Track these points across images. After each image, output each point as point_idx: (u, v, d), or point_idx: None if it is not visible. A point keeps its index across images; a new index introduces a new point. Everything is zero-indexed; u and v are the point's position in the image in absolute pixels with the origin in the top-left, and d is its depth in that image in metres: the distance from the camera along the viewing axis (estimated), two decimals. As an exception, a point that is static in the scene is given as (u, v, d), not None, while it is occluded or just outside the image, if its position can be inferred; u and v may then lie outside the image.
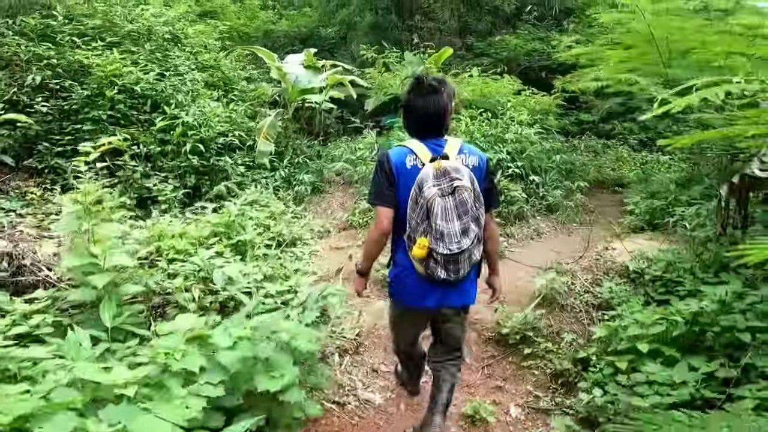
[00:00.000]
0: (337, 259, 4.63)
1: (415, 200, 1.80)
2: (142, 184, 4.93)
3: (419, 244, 1.78)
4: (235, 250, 3.55)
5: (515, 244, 5.29)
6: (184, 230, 3.62)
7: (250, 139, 6.22)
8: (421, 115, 1.92)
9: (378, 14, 13.20)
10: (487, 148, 5.97)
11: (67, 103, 5.22)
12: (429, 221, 1.77)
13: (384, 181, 1.89)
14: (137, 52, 6.13)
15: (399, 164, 1.88)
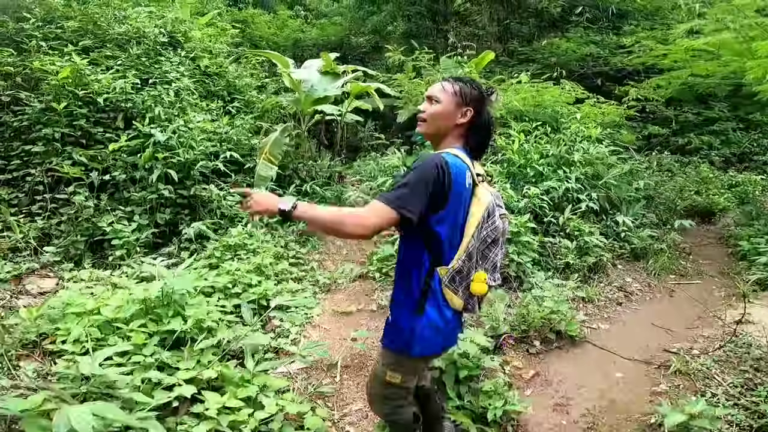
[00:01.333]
0: (339, 331, 3.30)
1: (480, 230, 1.53)
2: (95, 223, 3.77)
3: (479, 278, 1.54)
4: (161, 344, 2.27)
5: (596, 315, 3.77)
6: (99, 304, 2.38)
7: (253, 160, 5.02)
8: (489, 132, 1.65)
9: (410, 21, 12.25)
10: (549, 173, 4.52)
11: (18, 119, 4.16)
12: (490, 253, 1.57)
13: (426, 190, 1.44)
14: (117, 57, 5.08)
15: (458, 178, 1.49)
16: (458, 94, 1.55)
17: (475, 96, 1.57)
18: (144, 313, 2.37)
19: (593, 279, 4.21)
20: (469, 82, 1.59)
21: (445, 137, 1.58)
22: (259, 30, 12.47)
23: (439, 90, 1.58)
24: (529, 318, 3.23)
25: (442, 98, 1.56)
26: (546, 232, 4.24)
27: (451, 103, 1.55)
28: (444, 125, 1.57)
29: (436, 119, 1.56)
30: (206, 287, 3.15)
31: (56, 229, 3.79)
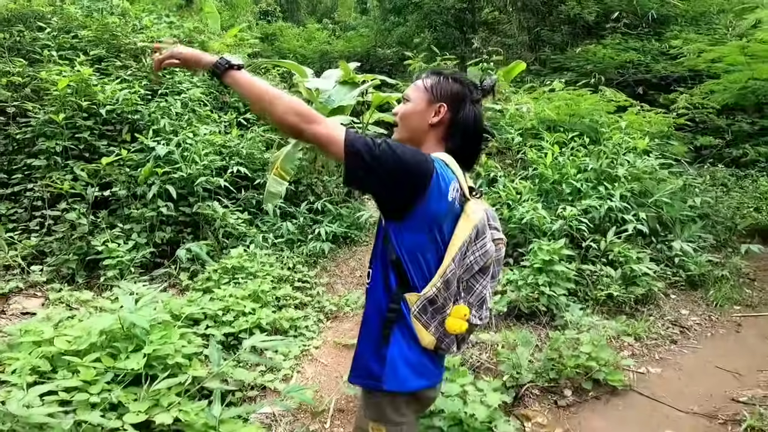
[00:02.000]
0: (338, 367, 2.91)
1: (464, 254, 1.23)
2: (89, 242, 3.52)
3: (458, 313, 1.24)
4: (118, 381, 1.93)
5: (644, 355, 3.19)
6: (56, 334, 2.06)
7: (264, 175, 4.73)
8: (475, 135, 1.35)
9: (437, 31, 12.01)
10: (588, 190, 3.99)
11: (21, 132, 4.02)
12: (476, 284, 1.28)
13: (400, 168, 1.15)
14: (129, 66, 4.93)
15: (440, 185, 1.20)
16: (429, 90, 1.32)
17: (453, 90, 1.32)
18: (102, 346, 2.04)
19: (641, 312, 3.63)
20: (448, 75, 1.35)
21: (421, 142, 1.32)
22: (287, 42, 12.58)
23: (411, 87, 1.36)
24: (561, 364, 2.72)
25: (412, 96, 1.34)
26: (584, 259, 3.70)
27: (422, 100, 1.32)
28: (415, 127, 1.33)
29: (406, 120, 1.34)
30: (197, 313, 2.83)
31: (50, 247, 3.58)
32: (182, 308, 2.78)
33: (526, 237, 3.80)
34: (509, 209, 3.95)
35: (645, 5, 10.81)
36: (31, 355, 1.96)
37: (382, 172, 1.12)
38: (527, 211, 3.66)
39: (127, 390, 1.94)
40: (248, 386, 2.56)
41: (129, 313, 2.02)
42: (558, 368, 2.71)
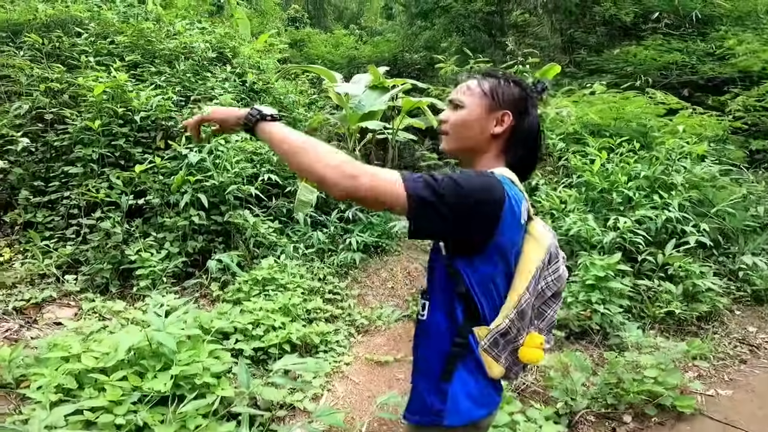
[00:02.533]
0: (370, 386, 2.73)
1: (537, 280, 1.11)
2: (123, 251, 3.48)
3: (533, 342, 1.13)
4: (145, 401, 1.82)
5: (714, 377, 2.90)
6: (87, 348, 1.97)
7: (295, 183, 4.63)
8: (536, 144, 1.19)
9: (465, 35, 11.80)
10: (640, 199, 3.70)
11: (59, 139, 4.05)
12: (548, 310, 1.19)
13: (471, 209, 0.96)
14: (163, 72, 4.94)
15: (515, 211, 1.04)
16: (489, 94, 1.13)
17: (515, 94, 1.14)
18: (130, 363, 1.93)
19: (705, 330, 3.32)
20: (507, 78, 1.17)
21: (478, 155, 1.16)
22: (315, 48, 12.65)
23: (464, 91, 1.17)
24: (621, 389, 2.47)
25: (467, 101, 1.15)
26: (638, 273, 3.41)
27: (480, 107, 1.14)
28: (473, 138, 1.15)
29: (461, 130, 1.15)
30: (227, 327, 2.73)
31: (85, 256, 3.56)
32: (212, 321, 2.69)
33: (573, 250, 3.54)
34: (553, 219, 3.71)
35: (687, 5, 10.32)
36: (58, 371, 1.88)
37: (453, 215, 0.94)
38: (574, 222, 3.41)
39: (153, 411, 1.84)
40: (277, 405, 2.43)
41: (157, 332, 1.91)
42: (617, 393, 2.46)
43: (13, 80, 4.32)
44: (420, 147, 7.32)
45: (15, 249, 3.54)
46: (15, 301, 2.95)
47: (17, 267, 3.30)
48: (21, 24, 4.89)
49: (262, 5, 12.69)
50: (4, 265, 3.35)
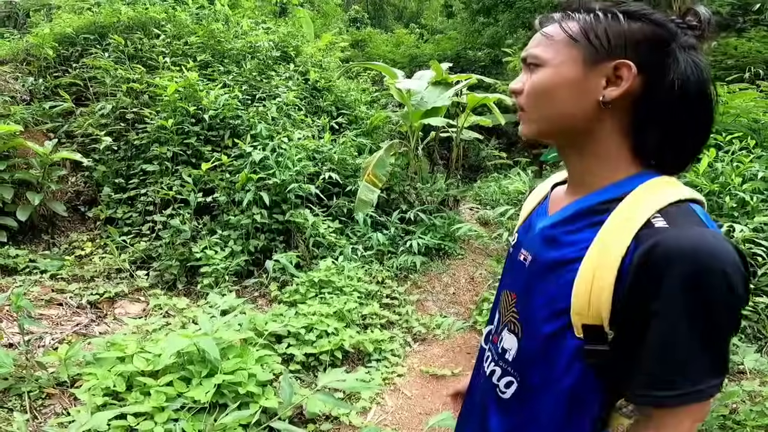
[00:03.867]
0: (424, 401, 2.57)
1: None
2: (190, 248, 3.59)
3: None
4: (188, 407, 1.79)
5: None
6: (141, 349, 2.00)
7: (356, 182, 4.56)
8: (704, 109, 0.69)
9: (531, 30, 11.12)
10: (757, 204, 3.17)
11: (138, 138, 4.28)
12: None
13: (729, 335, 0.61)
14: (231, 71, 5.08)
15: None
16: (583, 35, 0.68)
17: (637, 32, 0.67)
18: (177, 367, 1.93)
19: None
20: (610, 9, 0.69)
21: (583, 140, 0.72)
22: (376, 48, 12.63)
23: (540, 42, 0.73)
24: (736, 423, 2.11)
25: (545, 55, 0.71)
26: (756, 290, 2.94)
27: (570, 59, 0.69)
28: (566, 112, 0.70)
29: (544, 101, 0.72)
30: (280, 330, 2.69)
31: (157, 252, 3.72)
32: (266, 324, 2.68)
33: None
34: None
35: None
36: (111, 371, 1.91)
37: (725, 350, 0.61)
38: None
39: (195, 419, 1.81)
40: (323, 417, 2.34)
41: (203, 336, 1.88)
42: (731, 427, 2.11)
43: (99, 81, 4.63)
44: (486, 146, 6.98)
45: (96, 243, 3.79)
46: (89, 295, 3.12)
47: (96, 261, 3.52)
48: (106, 26, 5.22)
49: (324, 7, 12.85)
50: (84, 259, 3.59)
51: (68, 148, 4.29)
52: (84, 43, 5.08)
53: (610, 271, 0.60)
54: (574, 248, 0.67)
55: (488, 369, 0.83)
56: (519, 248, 0.83)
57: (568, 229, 0.71)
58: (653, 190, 0.65)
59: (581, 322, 0.64)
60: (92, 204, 4.24)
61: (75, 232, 4.09)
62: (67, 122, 4.54)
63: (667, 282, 0.57)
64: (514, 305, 0.79)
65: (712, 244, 0.57)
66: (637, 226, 0.61)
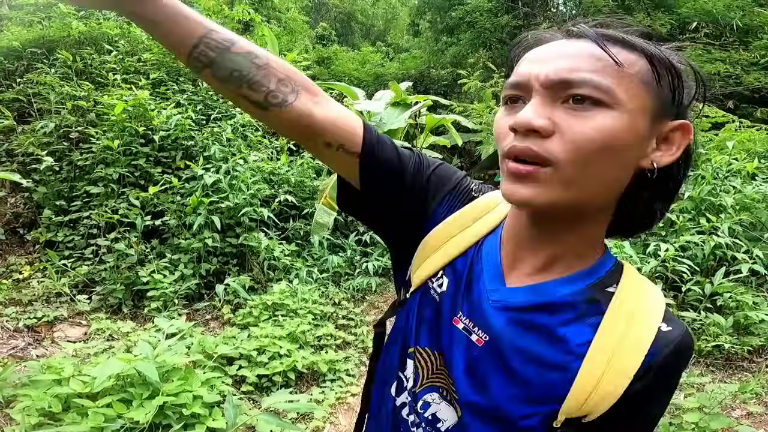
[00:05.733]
0: None
1: None
2: (137, 272, 3.44)
3: None
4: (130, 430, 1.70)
5: (764, 416, 2.57)
6: (78, 372, 1.89)
7: (313, 204, 4.53)
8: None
9: (491, 49, 11.65)
10: (684, 223, 3.37)
11: (82, 158, 4.10)
12: None
13: None
14: (186, 90, 4.99)
15: None
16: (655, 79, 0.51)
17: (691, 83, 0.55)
18: (117, 390, 1.83)
19: (756, 364, 2.98)
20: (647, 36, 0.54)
21: (590, 214, 0.58)
22: (342, 66, 12.77)
23: (598, 66, 0.50)
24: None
25: (620, 93, 0.50)
26: (682, 304, 3.09)
27: (643, 108, 0.51)
28: (616, 178, 0.54)
29: (602, 157, 0.50)
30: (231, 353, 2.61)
31: (100, 275, 3.54)
32: (216, 347, 2.59)
33: (607, 277, 3.24)
34: (585, 244, 3.43)
35: (726, 15, 9.89)
36: (47, 393, 1.80)
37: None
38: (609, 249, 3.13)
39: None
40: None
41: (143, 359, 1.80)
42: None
43: (43, 97, 4.43)
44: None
45: (35, 267, 3.57)
46: (27, 319, 2.95)
47: (34, 285, 3.32)
48: (56, 41, 5.04)
49: (290, 24, 12.93)
50: (22, 283, 3.37)
51: (8, 167, 4.07)
52: (30, 57, 4.89)
53: (626, 379, 0.54)
54: (568, 347, 0.57)
55: (408, 419, 0.68)
56: (454, 310, 0.63)
57: (551, 321, 0.58)
58: (639, 284, 0.60)
59: (567, 416, 0.57)
60: (31, 226, 4.01)
61: (13, 255, 3.85)
62: (8, 140, 4.32)
63: (678, 376, 0.59)
64: (446, 375, 0.64)
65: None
66: (651, 336, 0.55)
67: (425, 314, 0.66)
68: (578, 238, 0.59)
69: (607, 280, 0.59)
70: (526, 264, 0.61)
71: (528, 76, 0.52)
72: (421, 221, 0.68)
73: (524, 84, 0.53)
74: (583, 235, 0.59)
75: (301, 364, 2.67)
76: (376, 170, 0.64)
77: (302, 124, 0.60)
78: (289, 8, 13.37)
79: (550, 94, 0.51)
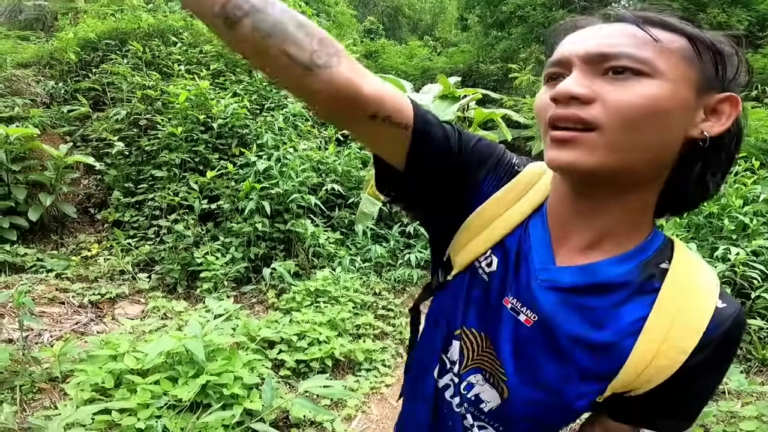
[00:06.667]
0: None
1: None
2: (192, 253, 3.67)
3: None
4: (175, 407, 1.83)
5: None
6: (133, 348, 2.06)
7: (359, 194, 4.62)
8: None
9: (546, 44, 11.18)
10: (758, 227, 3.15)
11: (149, 144, 4.41)
12: None
13: None
14: (242, 81, 5.21)
15: None
16: (697, 55, 0.53)
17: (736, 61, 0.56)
18: (166, 367, 1.98)
19: None
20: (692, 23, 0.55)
21: (642, 184, 0.58)
22: (389, 59, 12.77)
23: (638, 42, 0.52)
24: None
25: (660, 64, 0.51)
26: (750, 312, 2.91)
27: (687, 80, 0.53)
28: (663, 144, 0.54)
29: (644, 122, 0.51)
30: (273, 336, 2.74)
31: (160, 255, 3.81)
32: (260, 330, 2.72)
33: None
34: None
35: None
36: (102, 368, 1.97)
37: None
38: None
39: (180, 417, 1.86)
40: (307, 422, 2.36)
41: (190, 339, 1.93)
42: None
43: (116, 87, 4.79)
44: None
45: (102, 245, 3.90)
46: (91, 295, 3.20)
47: (101, 262, 3.61)
48: (127, 32, 5.41)
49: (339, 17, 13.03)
50: (90, 260, 3.69)
51: (83, 151, 4.44)
52: (105, 48, 5.27)
53: (683, 354, 0.56)
54: (620, 326, 0.58)
55: (452, 401, 0.70)
56: (503, 290, 0.63)
57: (603, 302, 0.58)
58: (693, 261, 0.60)
59: (614, 391, 0.59)
60: (102, 207, 4.36)
61: (83, 233, 4.21)
62: (84, 126, 4.71)
63: (735, 349, 0.61)
64: (494, 356, 0.65)
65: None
66: (710, 312, 0.56)
67: (473, 295, 0.65)
68: (624, 210, 0.58)
69: (659, 257, 0.60)
70: (574, 241, 0.61)
71: (569, 53, 0.54)
72: (467, 199, 0.66)
73: (565, 61, 0.55)
74: (630, 206, 0.58)
75: (338, 352, 2.75)
76: (426, 146, 0.60)
77: (347, 91, 0.52)
78: (338, 2, 13.48)
79: (590, 68, 0.53)
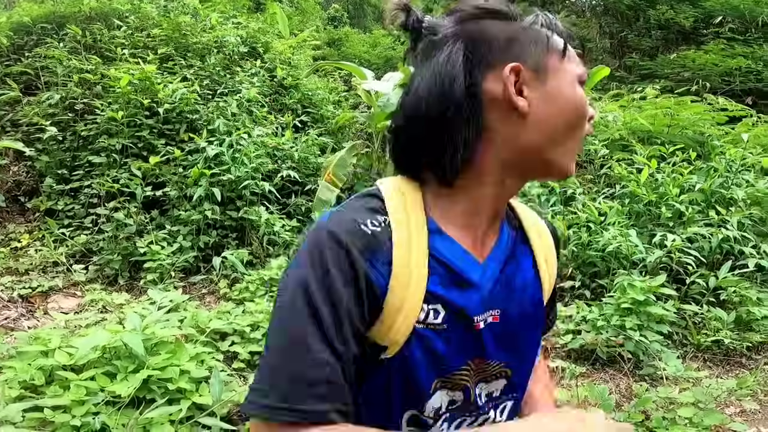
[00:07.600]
0: None
1: None
2: (135, 243, 3.44)
3: None
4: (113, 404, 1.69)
5: (758, 414, 2.55)
6: (66, 344, 1.88)
7: (316, 181, 4.50)
8: None
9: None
10: (693, 215, 3.29)
11: (86, 129, 4.09)
12: None
13: None
14: (193, 65, 4.94)
15: None
16: None
17: None
18: (102, 363, 1.82)
19: (754, 361, 2.93)
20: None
21: None
22: (352, 48, 12.63)
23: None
24: (647, 430, 2.15)
25: None
26: (685, 297, 3.03)
27: None
28: None
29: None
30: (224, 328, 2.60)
31: (98, 245, 3.55)
32: (210, 321, 2.56)
33: (610, 267, 3.18)
34: (589, 233, 3.36)
35: (754, 10, 9.58)
36: (31, 365, 1.78)
37: None
38: (614, 237, 3.06)
39: (121, 414, 1.71)
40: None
41: (128, 333, 1.78)
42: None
43: (51, 71, 4.42)
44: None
45: (34, 236, 3.59)
46: (21, 289, 2.95)
47: (32, 254, 3.32)
48: (66, 16, 5.02)
49: (302, 4, 12.75)
50: (20, 252, 3.39)
51: (12, 137, 4.07)
52: (41, 32, 4.88)
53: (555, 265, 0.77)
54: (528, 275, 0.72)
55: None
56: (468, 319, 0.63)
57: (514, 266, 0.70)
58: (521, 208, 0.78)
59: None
60: (33, 195, 4.02)
61: (12, 223, 3.87)
62: (13, 111, 4.33)
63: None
64: (494, 365, 0.67)
65: None
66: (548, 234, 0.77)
67: (436, 347, 0.61)
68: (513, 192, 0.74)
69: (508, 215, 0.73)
70: (474, 234, 0.66)
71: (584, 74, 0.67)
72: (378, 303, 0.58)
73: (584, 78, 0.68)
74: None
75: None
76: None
77: None
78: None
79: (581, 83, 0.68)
